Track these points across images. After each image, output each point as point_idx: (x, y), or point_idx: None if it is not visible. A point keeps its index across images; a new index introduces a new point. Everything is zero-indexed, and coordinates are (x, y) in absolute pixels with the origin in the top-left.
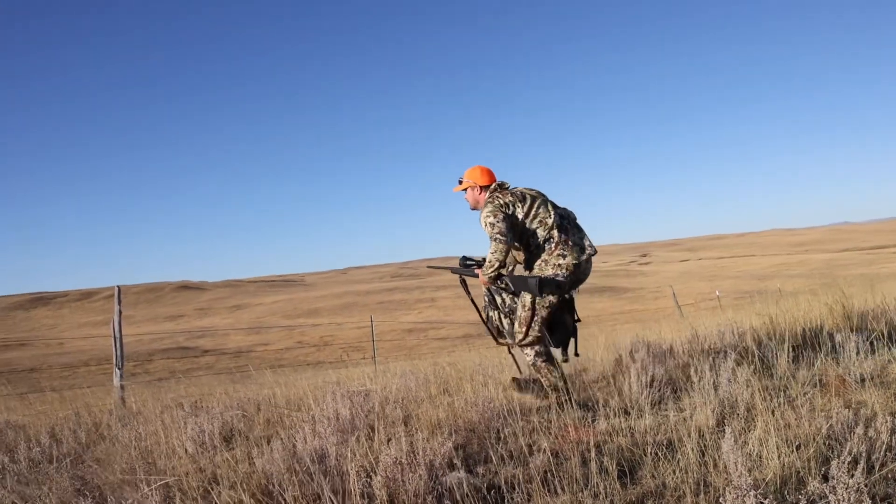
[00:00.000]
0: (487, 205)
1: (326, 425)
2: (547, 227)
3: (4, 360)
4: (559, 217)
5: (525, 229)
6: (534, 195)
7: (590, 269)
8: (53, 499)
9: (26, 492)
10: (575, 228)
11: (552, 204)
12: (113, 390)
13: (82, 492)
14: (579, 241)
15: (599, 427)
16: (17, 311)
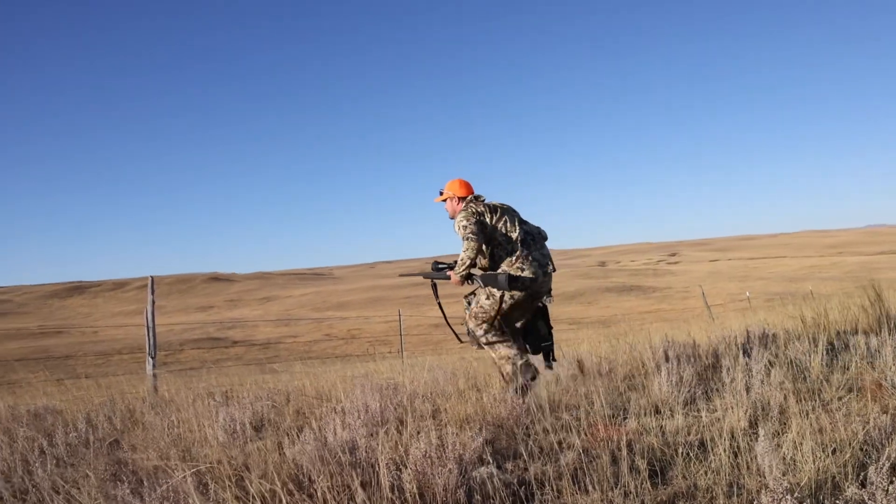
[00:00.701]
0: (461, 212)
1: (356, 417)
2: (511, 241)
3: (41, 347)
4: (524, 233)
5: (491, 237)
6: (504, 209)
7: (547, 284)
8: (92, 482)
9: (66, 474)
10: (538, 246)
11: (520, 219)
12: (146, 378)
13: (119, 476)
14: (540, 258)
15: (629, 426)
16: (54, 300)
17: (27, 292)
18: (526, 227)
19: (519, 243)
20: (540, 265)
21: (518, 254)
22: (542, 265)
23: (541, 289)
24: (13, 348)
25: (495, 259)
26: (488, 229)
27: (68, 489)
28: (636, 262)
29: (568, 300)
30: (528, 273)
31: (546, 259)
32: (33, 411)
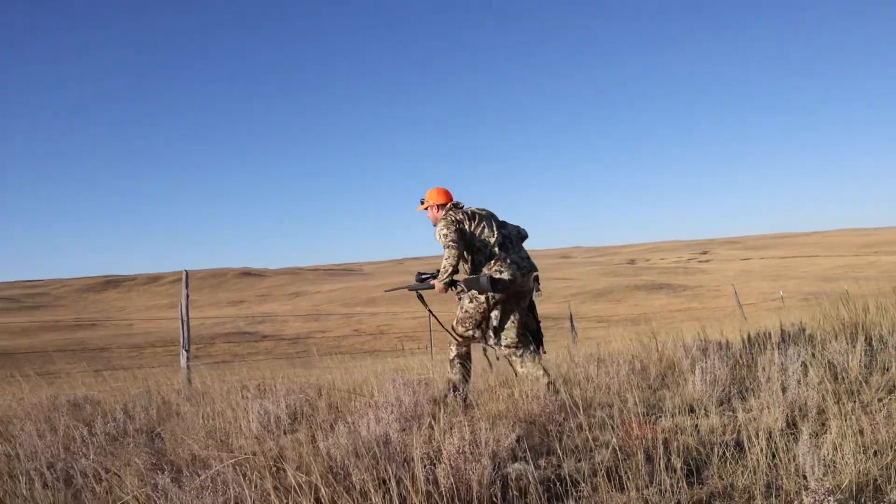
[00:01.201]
0: (441, 220)
1: (389, 412)
2: (489, 245)
3: (78, 340)
4: (502, 237)
5: (471, 244)
6: (482, 215)
7: (527, 284)
8: (132, 471)
9: (106, 463)
10: (516, 248)
11: (498, 224)
12: (179, 371)
13: (159, 465)
14: (518, 260)
15: (663, 424)
16: (89, 293)
17: (64, 285)
18: (504, 230)
19: (497, 248)
20: (518, 267)
21: (497, 257)
22: (520, 266)
23: (521, 288)
24: (51, 340)
25: (475, 264)
26: (468, 236)
27: (110, 477)
28: (666, 260)
29: (596, 298)
30: (507, 275)
31: (524, 261)
32: (73, 401)
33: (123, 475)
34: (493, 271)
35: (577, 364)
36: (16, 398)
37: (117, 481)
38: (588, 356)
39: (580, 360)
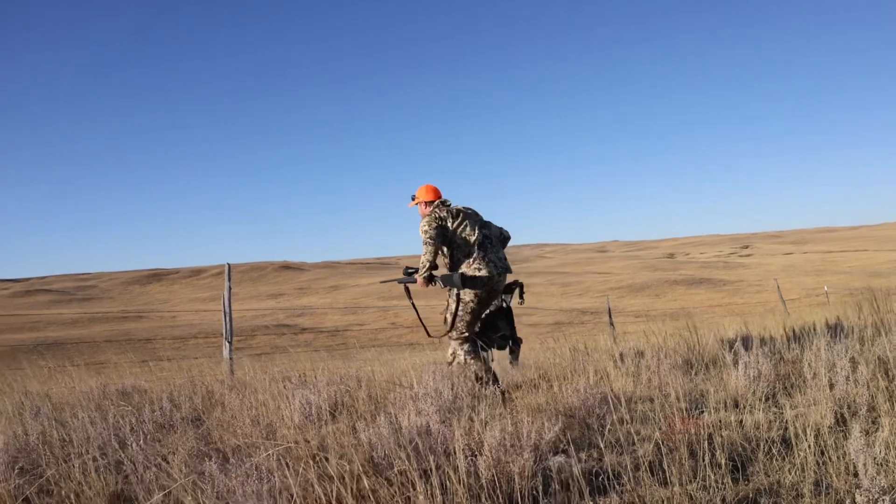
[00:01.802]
0: (425, 217)
1: (429, 404)
2: (469, 243)
3: (124, 331)
4: (482, 236)
5: (452, 241)
6: (466, 213)
7: (502, 283)
8: (179, 458)
9: (155, 449)
10: (494, 249)
11: (480, 224)
12: (222, 361)
13: (206, 452)
14: (495, 260)
15: (707, 419)
16: (135, 286)
17: (111, 279)
18: (485, 230)
19: (476, 246)
20: (495, 266)
21: (475, 255)
22: (497, 266)
23: (496, 287)
24: (99, 331)
25: (454, 260)
26: (449, 233)
27: (159, 462)
28: (706, 255)
29: (635, 293)
30: (485, 273)
31: (500, 261)
32: (121, 389)
33: (171, 462)
34: (471, 269)
35: (617, 358)
36: (68, 386)
37: (165, 468)
38: (627, 350)
39: (618, 355)
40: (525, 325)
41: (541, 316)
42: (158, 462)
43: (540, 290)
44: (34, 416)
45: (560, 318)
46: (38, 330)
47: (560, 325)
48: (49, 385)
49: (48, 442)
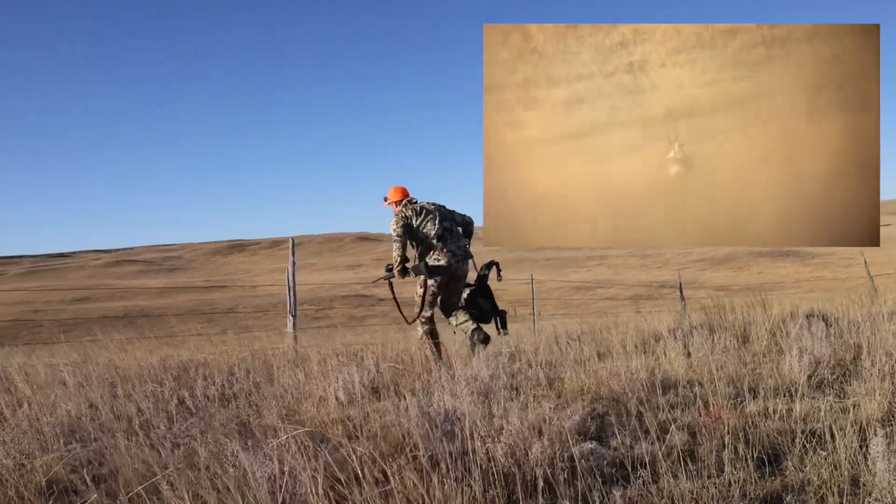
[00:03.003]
0: (394, 217)
1: (464, 386)
2: (430, 237)
3: (208, 301)
4: (443, 229)
5: (417, 235)
6: (429, 210)
7: (462, 269)
8: (211, 436)
9: (197, 427)
10: (454, 239)
11: (442, 218)
12: (286, 335)
13: (239, 431)
14: (455, 250)
15: (750, 408)
16: (217, 257)
17: (194, 249)
18: (446, 223)
19: (436, 239)
20: (454, 255)
21: (437, 247)
22: (456, 255)
23: (457, 272)
24: (184, 300)
25: (421, 250)
26: (414, 229)
27: (188, 441)
28: None
29: (717, 266)
30: (444, 262)
31: (460, 250)
32: (182, 364)
33: (200, 441)
34: (433, 259)
35: (675, 338)
36: (136, 359)
37: (196, 445)
38: (689, 329)
39: (679, 334)
40: (601, 298)
41: (619, 289)
42: (188, 441)
43: (618, 262)
44: (98, 387)
45: (638, 291)
46: (127, 299)
47: (637, 298)
48: (120, 356)
49: (99, 416)
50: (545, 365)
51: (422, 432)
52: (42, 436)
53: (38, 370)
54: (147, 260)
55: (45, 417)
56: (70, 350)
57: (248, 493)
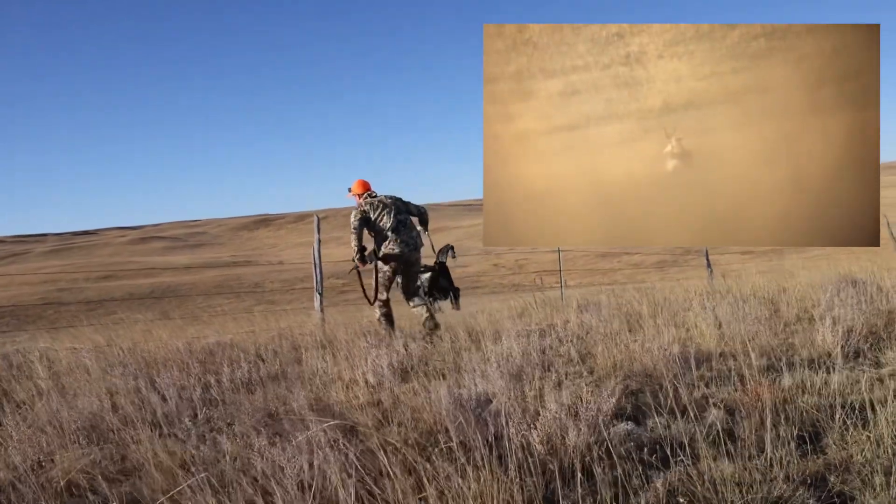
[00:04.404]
0: (354, 209)
1: (496, 368)
2: (385, 229)
3: (234, 275)
4: (397, 222)
5: (374, 225)
6: (385, 203)
7: (413, 257)
8: (239, 429)
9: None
10: (406, 230)
11: (397, 211)
12: (314, 312)
13: (266, 423)
14: (407, 240)
15: (784, 382)
16: (243, 231)
17: (220, 224)
18: (400, 217)
19: (390, 231)
20: (406, 245)
21: (390, 238)
22: (408, 244)
23: (409, 259)
24: (210, 276)
25: (378, 242)
26: (372, 221)
27: (214, 436)
28: None
29: None
30: (397, 251)
31: (412, 240)
32: (208, 348)
33: (226, 433)
34: (388, 248)
35: (705, 308)
36: (161, 341)
37: (222, 439)
38: (717, 298)
39: (708, 304)
40: (627, 265)
41: (644, 255)
42: (213, 437)
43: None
44: (122, 374)
45: (665, 257)
46: (152, 276)
47: (663, 265)
48: (145, 339)
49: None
50: (575, 339)
51: (453, 419)
52: (62, 431)
53: (60, 356)
54: (172, 236)
55: (66, 411)
56: (94, 332)
57: (277, 491)
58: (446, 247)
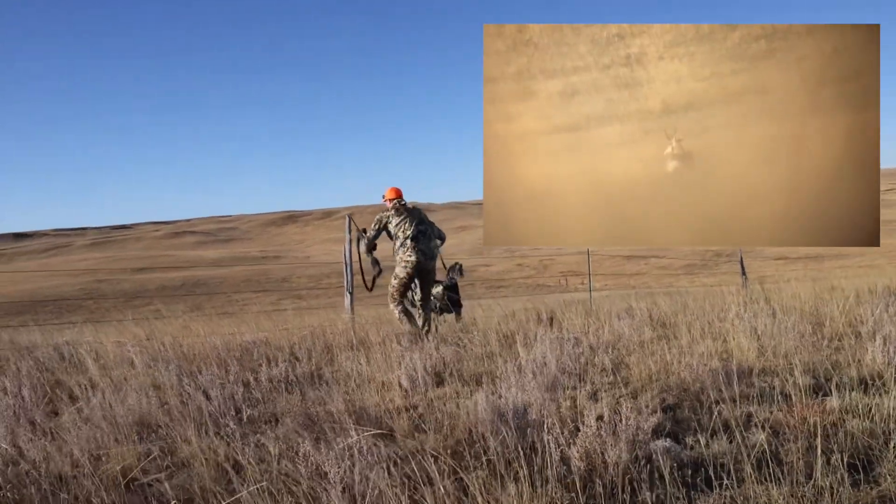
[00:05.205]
0: (379, 213)
1: (531, 378)
2: (405, 236)
3: (262, 271)
4: (417, 231)
5: (394, 233)
6: (409, 212)
7: (429, 265)
8: (281, 431)
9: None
10: (426, 241)
11: (419, 222)
12: (345, 311)
13: (306, 425)
14: (424, 249)
15: (831, 404)
16: (271, 227)
17: (250, 220)
18: (422, 227)
19: (409, 239)
20: (423, 254)
21: (408, 246)
22: (425, 254)
23: (425, 268)
24: (240, 271)
25: (396, 246)
26: (391, 229)
27: (258, 438)
28: None
29: None
30: (413, 258)
31: (429, 250)
32: (244, 345)
33: (269, 436)
34: (406, 254)
35: (742, 318)
36: (199, 337)
37: (265, 440)
38: (754, 307)
39: (746, 315)
40: (655, 268)
41: (671, 258)
42: (258, 439)
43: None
44: (165, 370)
45: (693, 260)
46: (185, 270)
47: (691, 268)
48: (184, 335)
49: (168, 403)
50: (607, 347)
51: (492, 430)
52: (116, 426)
53: (106, 349)
54: (204, 231)
55: (119, 407)
56: (135, 325)
57: (322, 495)
58: (455, 265)
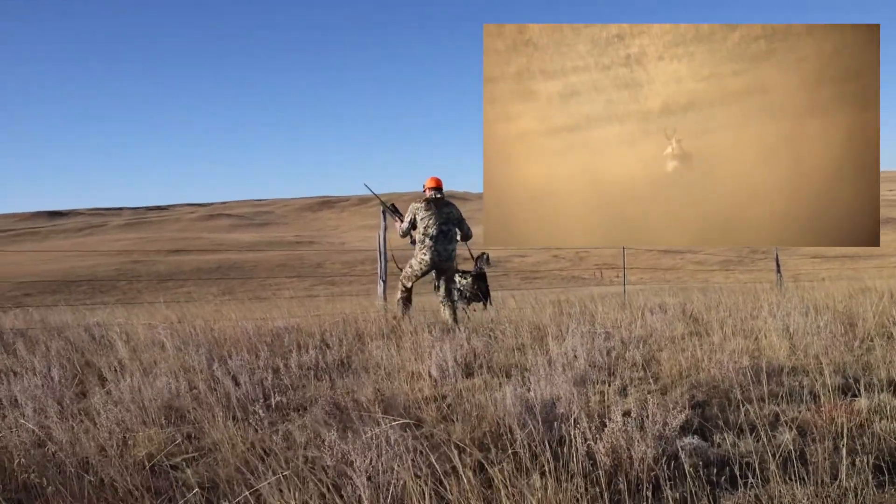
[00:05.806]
0: (412, 203)
1: (560, 372)
2: (426, 233)
3: (297, 256)
4: (438, 231)
5: (418, 226)
6: (437, 207)
7: (445, 265)
8: (310, 419)
9: (293, 401)
10: (446, 241)
11: (444, 221)
12: (376, 298)
13: (333, 413)
14: (441, 250)
15: (859, 404)
16: (307, 212)
17: (285, 205)
18: (445, 227)
19: (429, 237)
20: (438, 254)
21: (427, 243)
22: (441, 255)
23: (441, 266)
24: (274, 255)
25: (417, 240)
26: (418, 221)
27: (286, 426)
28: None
29: None
30: (427, 258)
31: (445, 251)
32: (275, 331)
33: (297, 423)
34: (422, 251)
35: (775, 316)
36: (231, 321)
37: (294, 430)
38: (788, 306)
39: (779, 313)
40: (690, 263)
41: (707, 253)
42: (286, 427)
43: None
44: (196, 353)
45: (729, 255)
46: (219, 253)
47: (727, 264)
48: (215, 318)
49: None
50: (639, 343)
51: (519, 423)
52: (144, 410)
53: (137, 331)
54: (240, 214)
55: (148, 390)
56: (167, 308)
57: (346, 484)
58: (483, 254)
